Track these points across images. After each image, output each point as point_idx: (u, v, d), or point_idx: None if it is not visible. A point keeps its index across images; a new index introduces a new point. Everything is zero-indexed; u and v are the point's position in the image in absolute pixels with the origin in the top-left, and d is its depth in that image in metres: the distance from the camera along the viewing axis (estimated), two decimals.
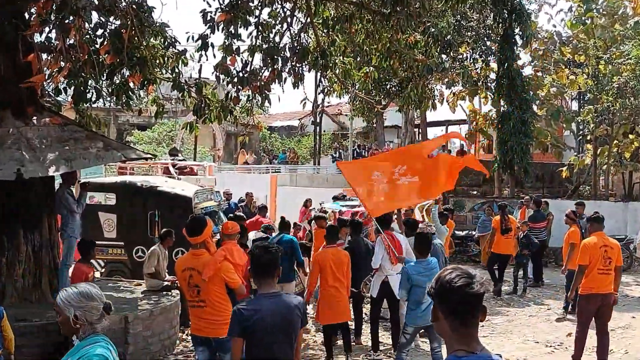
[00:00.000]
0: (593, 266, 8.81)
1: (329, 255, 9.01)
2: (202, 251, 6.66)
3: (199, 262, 6.57)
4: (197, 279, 6.53)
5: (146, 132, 35.36)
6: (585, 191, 27.96)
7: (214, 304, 6.58)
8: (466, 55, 24.34)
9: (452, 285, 2.70)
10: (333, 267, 8.90)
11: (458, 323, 2.73)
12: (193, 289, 6.58)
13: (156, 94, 10.80)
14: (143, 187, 12.60)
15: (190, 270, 6.58)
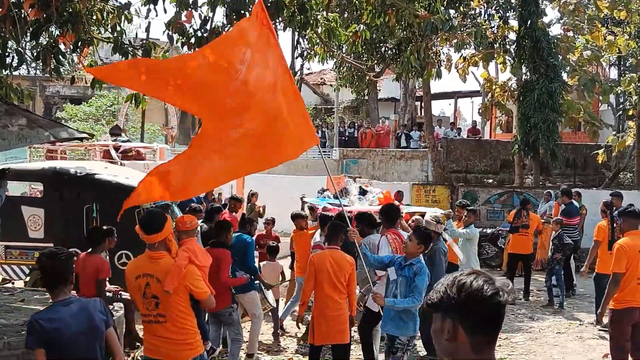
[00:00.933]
0: (632, 275, 8.60)
1: (328, 258, 8.80)
2: (162, 253, 6.53)
3: (158, 267, 6.46)
4: (156, 289, 6.41)
5: (81, 107, 35.14)
6: (626, 179, 28.25)
7: (176, 319, 6.48)
8: (479, 11, 24.45)
9: (484, 295, 2.70)
10: (331, 272, 8.68)
11: (484, 341, 2.75)
12: (150, 300, 6.45)
13: (93, 59, 10.77)
14: (77, 175, 12.56)
15: (146, 277, 6.45)
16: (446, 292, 2.76)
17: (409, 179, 25.70)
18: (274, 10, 10.11)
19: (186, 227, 7.78)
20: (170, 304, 6.42)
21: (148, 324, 6.58)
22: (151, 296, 6.44)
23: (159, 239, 6.49)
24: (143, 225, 6.54)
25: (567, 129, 32.21)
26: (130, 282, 6.59)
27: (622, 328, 8.72)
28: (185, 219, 8.00)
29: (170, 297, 6.38)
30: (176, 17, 9.75)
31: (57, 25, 9.09)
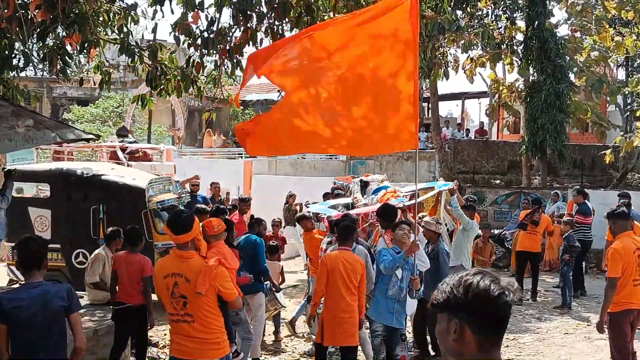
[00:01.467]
0: (628, 277, 8.56)
1: (340, 258, 8.74)
2: (192, 253, 6.50)
3: (187, 266, 6.42)
4: (185, 288, 6.38)
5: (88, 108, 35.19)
6: (634, 180, 28.18)
7: (204, 319, 6.45)
8: (487, 11, 24.41)
9: (492, 295, 2.70)
10: (344, 274, 8.63)
11: (490, 341, 2.74)
12: (177, 300, 6.42)
13: (100, 60, 10.78)
14: (84, 176, 12.58)
15: (175, 277, 6.42)
16: (452, 292, 2.76)
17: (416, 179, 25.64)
18: (280, 11, 10.11)
19: (214, 232, 7.84)
20: (198, 304, 6.41)
21: (175, 323, 6.53)
22: (179, 295, 6.41)
23: (188, 239, 6.46)
24: (172, 225, 6.51)
25: (575, 130, 32.15)
26: (158, 281, 6.56)
27: (622, 329, 8.67)
28: (213, 222, 8.04)
29: (199, 297, 6.37)
30: (182, 18, 9.75)
31: (63, 26, 9.11)
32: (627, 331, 8.69)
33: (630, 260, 8.49)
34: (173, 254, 6.65)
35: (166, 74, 10.12)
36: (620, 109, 31.20)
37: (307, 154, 30.71)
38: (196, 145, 35.73)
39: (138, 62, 10.27)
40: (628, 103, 30.12)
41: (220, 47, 9.85)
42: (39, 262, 5.86)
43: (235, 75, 10.93)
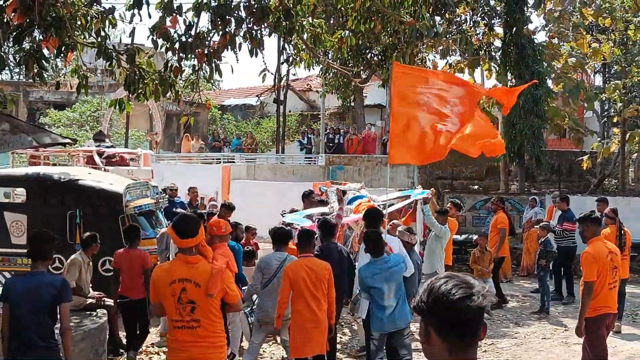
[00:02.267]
0: (603, 281, 8.64)
1: (302, 267, 8.64)
2: (198, 257, 6.47)
3: (196, 271, 6.37)
4: (195, 293, 6.33)
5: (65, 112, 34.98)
6: (611, 185, 28.43)
7: (209, 323, 6.42)
8: (465, 18, 24.55)
9: (450, 299, 2.72)
10: (308, 282, 8.54)
11: (457, 345, 2.76)
12: (185, 305, 6.34)
13: (77, 64, 10.73)
14: (61, 181, 12.51)
15: (182, 282, 6.34)
16: (420, 297, 2.82)
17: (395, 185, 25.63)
18: (259, 15, 10.12)
19: (221, 232, 7.85)
20: (207, 308, 6.39)
21: (180, 329, 6.43)
22: (187, 301, 6.35)
23: (193, 244, 6.43)
24: (178, 229, 6.45)
25: (552, 136, 32.40)
26: (162, 288, 6.43)
27: (598, 335, 8.76)
28: (220, 223, 8.07)
29: (208, 301, 6.36)
30: (161, 22, 9.72)
31: (40, 29, 9.05)
32: (604, 335, 8.80)
33: (605, 264, 8.57)
34: (178, 260, 6.59)
35: (144, 78, 10.08)
36: (597, 115, 31.48)
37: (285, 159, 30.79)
38: (174, 150, 35.65)
39: (116, 66, 10.22)
40: (605, 109, 30.42)
41: (199, 51, 9.83)
42: (41, 255, 6.96)
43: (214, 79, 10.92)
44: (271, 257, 9.38)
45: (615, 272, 8.75)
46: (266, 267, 9.18)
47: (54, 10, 9.04)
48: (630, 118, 24.65)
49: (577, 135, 29.21)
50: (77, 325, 9.62)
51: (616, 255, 8.84)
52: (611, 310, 8.75)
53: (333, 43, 13.25)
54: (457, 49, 23.59)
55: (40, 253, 7.00)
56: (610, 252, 8.71)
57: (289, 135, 38.17)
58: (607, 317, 8.74)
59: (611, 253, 8.73)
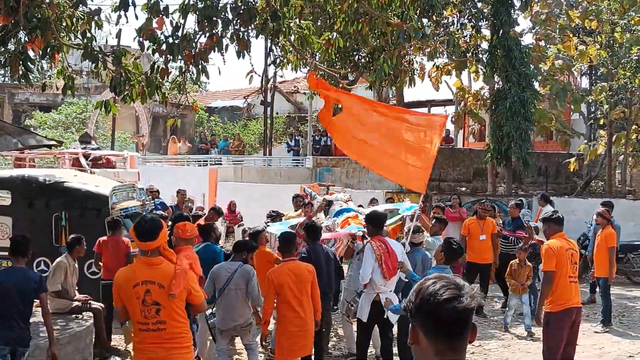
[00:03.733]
0: (563, 273, 9.08)
1: (285, 272, 8.70)
2: (160, 259, 6.46)
3: (159, 272, 6.37)
4: (159, 295, 6.32)
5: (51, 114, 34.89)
6: (597, 187, 28.56)
7: (175, 324, 6.42)
8: (452, 20, 24.59)
9: (438, 299, 2.71)
10: (293, 286, 8.60)
11: (445, 346, 2.75)
12: (150, 307, 6.34)
13: (63, 65, 10.67)
14: (46, 183, 12.45)
15: (147, 284, 6.34)
16: (410, 298, 2.81)
17: (382, 187, 25.70)
18: (246, 17, 10.10)
19: (186, 235, 7.81)
20: (171, 309, 6.39)
21: (145, 332, 6.43)
22: (152, 303, 6.35)
23: (154, 246, 6.44)
24: (139, 232, 6.45)
25: (539, 138, 32.49)
26: (126, 290, 6.42)
27: (561, 330, 9.08)
28: (187, 227, 8.02)
29: (173, 302, 6.36)
30: (147, 24, 9.68)
31: (25, 31, 9.00)
32: (564, 333, 9.06)
33: (564, 257, 9.08)
34: (140, 262, 6.57)
35: (130, 79, 10.04)
36: (584, 117, 31.61)
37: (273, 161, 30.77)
38: (161, 152, 35.57)
39: (102, 67, 10.17)
40: (592, 111, 30.55)
41: (185, 52, 9.80)
42: (20, 251, 8.04)
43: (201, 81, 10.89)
44: (222, 267, 9.37)
45: (575, 268, 9.27)
46: (217, 278, 9.19)
47: (39, 11, 8.99)
48: (616, 120, 24.76)
49: (564, 138, 29.34)
50: (63, 328, 9.59)
51: (576, 252, 9.36)
52: (575, 305, 9.15)
53: (320, 45, 13.24)
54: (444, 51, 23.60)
55: (20, 250, 8.06)
56: (570, 249, 9.21)
57: (277, 138, 38.14)
58: (570, 313, 9.08)
59: (571, 249, 9.22)
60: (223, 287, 9.06)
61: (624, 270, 17.57)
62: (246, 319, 9.20)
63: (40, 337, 9.11)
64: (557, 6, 27.64)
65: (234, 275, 9.06)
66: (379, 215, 10.18)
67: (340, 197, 14.35)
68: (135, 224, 6.63)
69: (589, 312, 14.56)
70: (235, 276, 9.05)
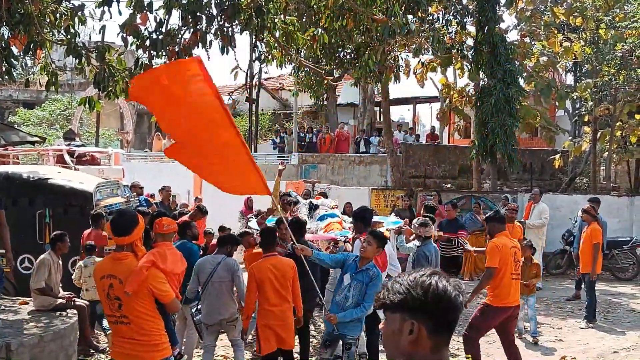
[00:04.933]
0: (506, 270, 9.33)
1: (267, 267, 8.68)
2: (126, 254, 6.49)
3: (121, 267, 6.41)
4: (119, 290, 6.36)
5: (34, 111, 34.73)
6: (582, 184, 28.71)
7: (139, 321, 6.43)
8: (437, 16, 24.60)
9: (449, 295, 2.72)
10: (274, 281, 8.59)
11: (443, 341, 2.76)
12: (113, 301, 6.41)
13: (46, 61, 10.64)
14: (30, 180, 12.39)
15: (110, 278, 6.39)
16: (409, 293, 2.74)
17: (368, 183, 25.77)
18: (230, 13, 10.09)
19: (163, 230, 7.67)
20: (132, 306, 6.40)
21: (114, 324, 6.56)
22: (114, 297, 6.41)
23: (126, 242, 6.48)
24: (113, 226, 6.50)
25: (524, 134, 32.59)
26: (97, 282, 6.58)
27: (493, 322, 9.56)
28: (163, 221, 7.85)
29: (131, 299, 6.36)
30: (131, 20, 9.66)
31: (8, 27, 8.97)
32: (494, 325, 9.59)
33: (508, 255, 9.33)
34: (109, 256, 6.71)
35: (114, 75, 10.02)
36: (568, 113, 31.74)
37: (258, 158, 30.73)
38: (145, 149, 35.46)
39: (85, 63, 10.15)
40: (576, 108, 30.68)
41: (169, 48, 9.79)
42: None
43: None
44: (206, 260, 9.41)
45: (518, 265, 9.59)
46: (201, 271, 9.20)
47: (22, 6, 8.97)
48: (601, 117, 24.88)
49: (549, 134, 29.45)
50: (47, 325, 9.54)
51: (519, 250, 9.72)
52: (514, 303, 9.53)
53: (305, 41, 13.24)
54: (429, 47, 23.65)
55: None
56: (513, 247, 9.51)
57: (262, 135, 38.11)
58: (509, 309, 9.48)
59: (514, 247, 9.54)
60: (207, 280, 9.07)
61: (608, 266, 17.67)
62: (231, 313, 9.20)
63: (24, 335, 9.09)
64: (542, 3, 27.73)
65: (217, 267, 9.08)
66: (365, 212, 10.19)
67: (327, 203, 14.33)
68: (111, 219, 6.67)
69: (573, 307, 14.65)
70: (219, 269, 9.06)
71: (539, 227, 16.78)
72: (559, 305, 14.85)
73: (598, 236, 13.05)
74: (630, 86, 22.89)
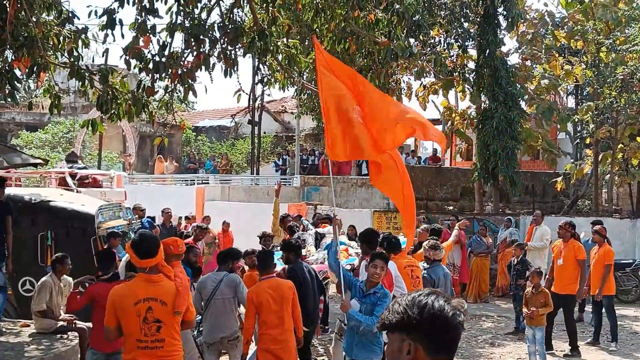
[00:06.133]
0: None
1: (265, 289, 8.59)
2: (160, 276, 6.49)
3: (161, 290, 6.40)
4: (162, 312, 6.34)
5: (37, 133, 34.77)
6: (584, 206, 28.65)
7: (171, 342, 6.46)
8: (439, 40, 24.72)
9: (445, 315, 2.70)
10: (273, 304, 8.50)
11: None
12: (151, 325, 6.34)
13: (50, 83, 10.65)
14: (32, 202, 12.38)
15: (148, 302, 6.34)
16: (406, 312, 2.74)
17: (370, 206, 25.73)
18: (233, 36, 10.12)
19: (178, 251, 7.71)
20: (172, 326, 6.45)
21: (143, 350, 6.39)
22: (153, 320, 6.35)
23: (153, 263, 6.45)
24: (138, 249, 6.45)
25: (526, 157, 32.63)
26: (127, 308, 6.37)
27: None
28: (178, 242, 7.89)
29: (174, 319, 6.42)
30: (134, 42, 9.69)
31: (12, 49, 9.00)
32: None
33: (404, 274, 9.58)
34: (139, 279, 6.54)
35: (117, 98, 10.04)
36: (570, 136, 31.73)
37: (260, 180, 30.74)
38: (148, 172, 35.48)
39: (88, 86, 10.17)
40: (578, 130, 30.68)
41: (172, 71, 9.81)
42: None
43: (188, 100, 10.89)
44: (208, 277, 9.38)
45: (418, 282, 9.78)
46: (203, 289, 9.18)
47: (26, 29, 8.99)
48: (602, 139, 24.86)
49: (551, 157, 29.43)
50: (48, 348, 9.51)
51: (417, 268, 10.00)
52: None
53: (308, 64, 13.28)
54: (431, 70, 23.72)
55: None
56: (409, 266, 9.85)
57: (264, 157, 38.14)
58: None
59: (410, 266, 9.86)
60: (209, 298, 9.04)
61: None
62: (233, 331, 9.16)
63: (25, 357, 9.05)
64: (543, 26, 27.83)
65: (220, 284, 9.05)
66: (371, 234, 10.14)
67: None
68: (133, 241, 6.59)
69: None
70: (221, 286, 9.04)
71: (540, 249, 16.71)
72: (562, 328, 14.73)
73: (610, 257, 12.98)
74: (632, 109, 22.89)
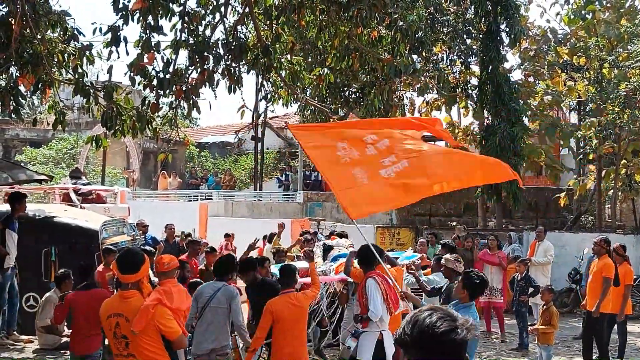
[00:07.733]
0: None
1: (285, 304, 8.59)
2: (133, 292, 6.48)
3: (128, 306, 6.39)
4: (125, 328, 6.35)
5: (41, 150, 34.83)
6: (587, 222, 28.58)
7: (147, 359, 6.42)
8: (442, 56, 24.78)
9: (436, 331, 2.70)
10: (292, 320, 8.55)
11: None
12: (120, 340, 6.40)
13: (54, 100, 10.68)
14: (36, 218, 12.40)
15: (116, 317, 6.40)
16: (403, 329, 2.78)
17: (373, 221, 25.66)
18: (237, 53, 10.15)
19: (164, 269, 7.62)
20: (139, 344, 6.38)
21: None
22: (121, 336, 6.40)
23: (135, 280, 6.47)
24: (120, 264, 6.50)
25: (529, 173, 32.58)
26: (103, 321, 6.54)
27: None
28: (164, 259, 7.81)
29: (139, 337, 6.34)
30: (138, 59, 9.72)
31: (16, 66, 9.03)
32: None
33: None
34: (117, 294, 6.70)
35: (121, 114, 10.06)
36: (573, 152, 31.65)
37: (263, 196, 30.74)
38: (151, 188, 35.49)
39: (93, 102, 10.20)
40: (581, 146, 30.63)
41: (176, 87, 9.82)
42: None
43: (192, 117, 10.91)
44: (206, 286, 9.28)
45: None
46: (199, 297, 9.06)
47: (30, 46, 9.03)
48: (605, 155, 24.84)
49: (554, 172, 29.39)
50: None
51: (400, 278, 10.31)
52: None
53: (311, 80, 13.30)
54: (434, 86, 23.77)
55: None
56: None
57: (267, 173, 38.14)
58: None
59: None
60: (205, 305, 8.87)
61: None
62: (223, 345, 8.89)
63: None
64: (545, 43, 27.89)
65: (217, 293, 8.93)
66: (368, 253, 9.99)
67: (342, 243, 14.13)
68: (117, 257, 6.67)
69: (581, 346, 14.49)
70: (219, 294, 8.90)
71: (544, 265, 16.67)
72: (566, 344, 14.70)
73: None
74: (635, 125, 22.85)
